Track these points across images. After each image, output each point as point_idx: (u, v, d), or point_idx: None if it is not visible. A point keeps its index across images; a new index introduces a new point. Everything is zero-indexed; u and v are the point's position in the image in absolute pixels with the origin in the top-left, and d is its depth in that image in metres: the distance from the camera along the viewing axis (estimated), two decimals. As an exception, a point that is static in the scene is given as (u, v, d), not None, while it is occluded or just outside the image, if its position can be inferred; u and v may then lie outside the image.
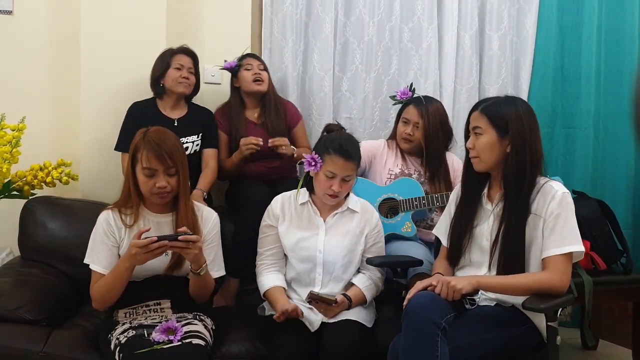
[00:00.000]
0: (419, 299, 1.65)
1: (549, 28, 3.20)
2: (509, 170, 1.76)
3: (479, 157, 1.81)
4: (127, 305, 1.88)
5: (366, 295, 2.05)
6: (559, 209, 1.71)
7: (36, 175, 2.32)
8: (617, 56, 3.22)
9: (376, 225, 2.14)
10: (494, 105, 1.81)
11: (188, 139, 2.55)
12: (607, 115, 3.24)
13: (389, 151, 2.64)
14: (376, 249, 2.14)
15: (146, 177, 1.82)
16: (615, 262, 2.70)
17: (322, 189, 2.02)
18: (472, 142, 1.82)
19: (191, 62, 2.57)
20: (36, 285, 2.13)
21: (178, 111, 2.60)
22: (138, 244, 1.68)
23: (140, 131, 1.88)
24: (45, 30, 2.66)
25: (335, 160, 1.98)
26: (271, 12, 2.93)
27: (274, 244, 2.10)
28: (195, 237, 1.73)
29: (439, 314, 1.60)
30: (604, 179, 3.24)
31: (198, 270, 1.81)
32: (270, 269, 2.09)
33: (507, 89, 3.21)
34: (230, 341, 2.01)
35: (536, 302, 1.63)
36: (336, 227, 2.09)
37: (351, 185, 2.06)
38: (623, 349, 3.00)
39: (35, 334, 1.92)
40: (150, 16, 2.69)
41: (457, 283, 1.66)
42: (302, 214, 2.10)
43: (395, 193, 2.53)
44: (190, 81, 2.56)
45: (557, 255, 1.69)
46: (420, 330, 1.59)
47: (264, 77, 2.67)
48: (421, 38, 3.11)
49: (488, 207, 1.86)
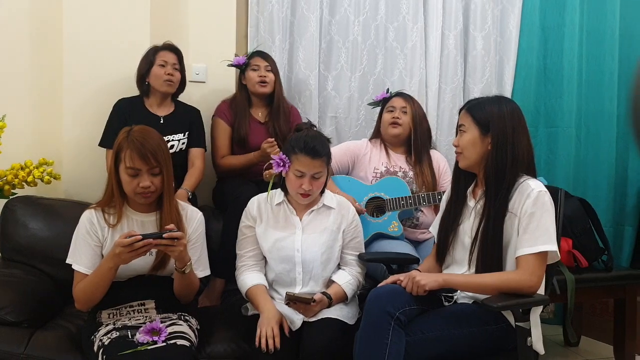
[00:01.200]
0: (378, 290, 1.76)
1: (532, 28, 3.24)
2: (489, 168, 1.79)
3: (463, 153, 1.86)
4: (111, 306, 1.86)
5: (346, 291, 2.05)
6: (533, 208, 1.71)
7: (17, 175, 2.29)
8: (598, 57, 3.27)
9: (353, 220, 2.15)
10: (479, 105, 1.85)
11: (174, 137, 2.54)
12: (588, 114, 3.29)
13: (372, 149, 2.65)
14: (354, 244, 2.14)
15: (130, 176, 1.81)
16: (597, 260, 2.74)
17: (293, 189, 2.03)
18: (457, 139, 1.88)
19: (175, 58, 2.55)
20: (18, 287, 2.10)
21: (164, 109, 2.59)
22: (122, 243, 1.67)
23: (124, 130, 1.85)
24: (26, 28, 2.62)
25: (301, 159, 1.98)
26: (257, 11, 2.92)
27: (253, 245, 2.09)
28: (179, 233, 1.72)
29: (395, 304, 1.67)
30: (586, 178, 3.28)
31: (182, 268, 1.80)
32: (252, 269, 2.08)
33: (491, 88, 3.24)
34: (216, 341, 2.01)
35: (495, 300, 1.64)
36: (313, 224, 2.10)
37: (322, 183, 2.06)
38: (604, 345, 3.05)
39: (16, 336, 1.89)
40: (134, 13, 2.66)
41: (421, 279, 1.72)
42: (279, 214, 2.11)
43: (382, 192, 2.54)
44: (175, 78, 2.54)
45: (528, 254, 1.69)
46: (374, 319, 1.68)
47: (269, 79, 2.67)
48: (406, 37, 3.12)
49: (471, 204, 1.88)
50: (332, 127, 3.06)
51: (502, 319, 1.74)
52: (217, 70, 2.76)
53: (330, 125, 3.06)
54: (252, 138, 2.66)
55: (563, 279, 2.47)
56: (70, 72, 2.61)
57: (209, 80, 2.84)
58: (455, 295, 1.84)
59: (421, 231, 2.63)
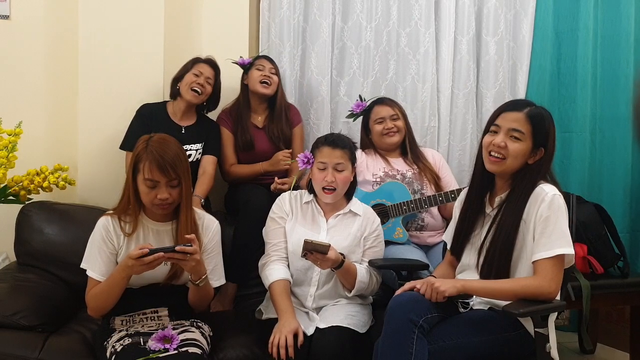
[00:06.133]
0: (399, 297, 1.70)
1: (545, 33, 3.22)
2: (525, 181, 1.75)
3: (506, 159, 1.76)
4: (124, 313, 1.87)
5: (358, 273, 2.04)
6: (548, 212, 1.69)
7: (33, 180, 2.31)
8: (613, 61, 3.23)
9: (376, 229, 2.15)
10: (539, 116, 1.76)
11: (192, 146, 2.55)
12: (603, 119, 3.25)
13: (367, 158, 2.66)
14: (372, 252, 2.14)
15: (148, 188, 1.79)
16: (613, 266, 2.71)
17: (318, 184, 2.06)
18: (505, 141, 1.76)
19: (212, 73, 2.58)
20: (32, 291, 2.12)
21: (187, 119, 2.60)
22: (132, 256, 1.67)
23: (143, 139, 1.84)
24: (42, 35, 2.66)
25: (323, 150, 2.07)
26: (269, 17, 2.93)
27: (284, 237, 2.10)
28: (191, 248, 1.70)
29: (417, 312, 1.63)
30: (601, 183, 3.24)
31: (197, 281, 1.80)
32: (279, 262, 2.07)
33: (504, 93, 3.22)
34: (228, 347, 2.01)
35: (516, 307, 1.61)
36: (338, 228, 2.11)
37: (346, 177, 2.08)
38: (621, 353, 3.00)
39: (31, 340, 1.91)
40: (149, 20, 2.68)
41: (440, 285, 1.67)
42: (307, 212, 2.14)
43: (384, 198, 2.53)
44: (205, 90, 2.56)
45: (546, 259, 1.67)
46: (397, 327, 1.63)
47: (273, 81, 2.68)
48: (418, 43, 3.11)
49: (487, 210, 1.86)
50: (344, 133, 3.02)
51: (520, 325, 1.72)
52: (229, 74, 2.76)
53: (343, 131, 3.01)
54: (257, 143, 2.67)
55: (578, 285, 2.44)
56: (85, 79, 2.64)
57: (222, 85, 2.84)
58: (471, 302, 1.81)
59: (429, 234, 2.61)
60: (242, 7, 2.87)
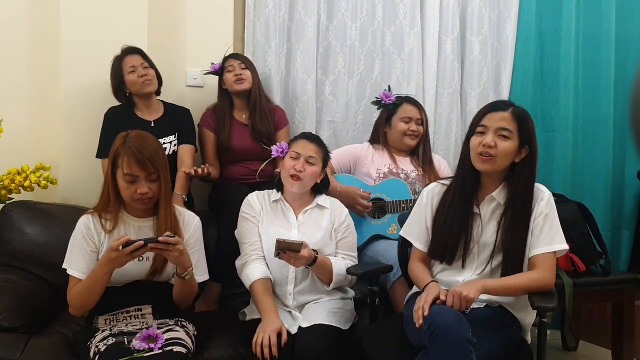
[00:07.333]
0: (445, 317, 1.58)
1: (528, 33, 3.25)
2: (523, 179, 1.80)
3: (496, 157, 1.78)
4: (107, 312, 1.85)
5: (333, 265, 2.04)
6: (547, 209, 1.79)
7: (14, 179, 2.28)
8: (595, 61, 3.28)
9: (345, 220, 2.17)
10: (523, 114, 1.82)
11: (165, 139, 2.54)
12: (585, 119, 3.29)
13: (374, 152, 2.68)
14: (344, 243, 2.15)
15: (127, 183, 1.80)
16: (594, 264, 2.74)
17: (286, 171, 2.09)
18: (494, 140, 1.78)
19: (140, 57, 2.52)
20: (14, 292, 2.09)
21: (154, 113, 2.59)
22: (113, 247, 1.67)
23: (121, 136, 1.85)
24: (24, 31, 2.62)
25: (298, 142, 2.14)
26: (254, 16, 2.92)
27: (258, 236, 2.10)
28: (174, 239, 1.71)
29: (467, 329, 1.57)
30: (583, 182, 3.28)
31: (183, 274, 1.80)
32: (257, 261, 2.06)
33: (488, 93, 3.24)
34: (213, 347, 1.99)
35: (542, 301, 1.69)
36: (308, 223, 2.13)
37: (314, 171, 2.10)
38: (603, 350, 3.04)
39: (12, 342, 1.88)
40: (132, 18, 2.66)
41: (468, 292, 1.63)
42: (277, 210, 2.15)
43: (384, 194, 2.55)
44: (150, 75, 2.51)
45: (546, 253, 1.77)
46: (455, 349, 1.54)
47: (245, 76, 2.68)
48: (403, 42, 3.13)
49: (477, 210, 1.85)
50: (329, 132, 3.06)
51: (514, 319, 1.80)
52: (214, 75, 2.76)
53: (328, 130, 3.06)
54: (235, 141, 2.67)
55: (561, 283, 2.46)
56: (67, 77, 2.61)
57: (207, 84, 2.84)
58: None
59: None
60: (226, 5, 2.85)
